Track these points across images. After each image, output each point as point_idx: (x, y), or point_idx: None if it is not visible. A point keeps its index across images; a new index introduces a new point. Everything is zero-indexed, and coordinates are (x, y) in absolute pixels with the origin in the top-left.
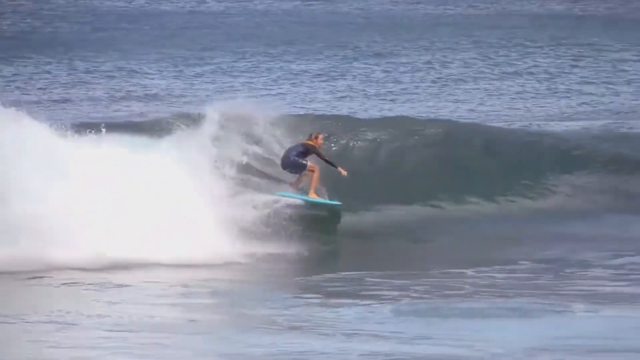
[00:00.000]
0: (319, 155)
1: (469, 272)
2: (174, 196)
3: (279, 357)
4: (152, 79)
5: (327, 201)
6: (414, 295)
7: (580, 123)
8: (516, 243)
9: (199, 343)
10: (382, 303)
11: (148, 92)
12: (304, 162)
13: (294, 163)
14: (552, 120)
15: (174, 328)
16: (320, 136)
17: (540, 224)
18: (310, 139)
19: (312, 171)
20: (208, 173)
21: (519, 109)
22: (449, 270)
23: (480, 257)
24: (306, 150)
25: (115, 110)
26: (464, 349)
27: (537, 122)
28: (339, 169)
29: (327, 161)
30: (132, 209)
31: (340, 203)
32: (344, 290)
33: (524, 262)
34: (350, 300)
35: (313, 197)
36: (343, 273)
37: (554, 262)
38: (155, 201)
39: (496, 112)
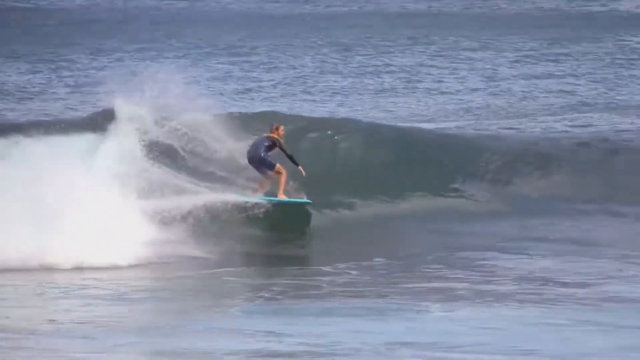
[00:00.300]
0: (282, 149)
1: (327, 269)
2: (86, 198)
3: (142, 357)
4: (9, 75)
5: (297, 200)
6: (267, 295)
7: (441, 120)
8: (373, 241)
9: (58, 344)
10: (241, 302)
11: (3, 89)
12: (273, 162)
13: (263, 160)
14: (414, 119)
15: (32, 329)
16: (281, 127)
17: (399, 222)
18: (271, 130)
19: (280, 173)
20: (128, 174)
21: (378, 107)
22: (308, 268)
23: (338, 255)
24: (272, 144)
25: None
26: (325, 346)
27: (398, 120)
28: (300, 167)
29: (289, 157)
30: (37, 209)
31: (310, 201)
32: (207, 290)
33: (379, 259)
34: (212, 300)
35: (282, 197)
36: (203, 272)
37: (410, 259)
38: (66, 202)
39: (355, 111)
